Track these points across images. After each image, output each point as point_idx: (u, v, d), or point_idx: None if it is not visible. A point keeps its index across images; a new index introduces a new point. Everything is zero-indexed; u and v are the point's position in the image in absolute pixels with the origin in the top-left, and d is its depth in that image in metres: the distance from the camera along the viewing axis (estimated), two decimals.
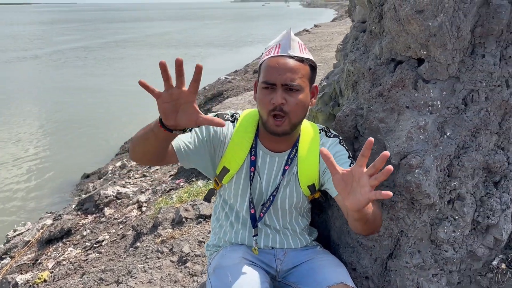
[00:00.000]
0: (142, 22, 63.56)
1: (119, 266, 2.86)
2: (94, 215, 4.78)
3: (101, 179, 6.70)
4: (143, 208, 4.30)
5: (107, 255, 3.42)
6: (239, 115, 1.70)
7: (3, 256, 4.49)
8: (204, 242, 2.87)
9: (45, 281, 3.39)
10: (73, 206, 5.31)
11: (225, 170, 1.65)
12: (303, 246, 1.74)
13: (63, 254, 3.86)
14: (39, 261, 4.01)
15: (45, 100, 14.16)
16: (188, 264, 2.67)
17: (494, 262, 1.78)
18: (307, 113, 1.62)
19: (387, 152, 1.14)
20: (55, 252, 4.06)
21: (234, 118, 1.69)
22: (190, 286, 2.52)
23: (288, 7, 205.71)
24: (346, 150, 1.62)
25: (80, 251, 3.81)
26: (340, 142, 1.65)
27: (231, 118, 1.69)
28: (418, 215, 1.61)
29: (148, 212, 3.93)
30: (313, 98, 1.62)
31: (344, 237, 1.80)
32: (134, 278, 2.63)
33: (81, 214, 4.89)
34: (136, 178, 5.80)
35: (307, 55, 1.57)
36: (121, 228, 3.97)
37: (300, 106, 1.52)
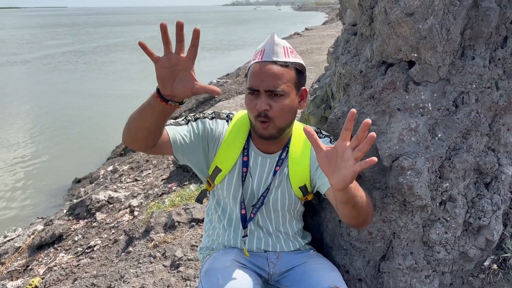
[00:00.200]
0: (133, 26, 63.40)
1: (111, 271, 2.84)
2: (86, 220, 4.74)
3: (93, 184, 6.65)
4: (135, 213, 4.28)
5: (99, 260, 3.40)
6: (233, 116, 1.71)
7: None
8: (196, 246, 2.86)
9: (36, 287, 3.36)
10: (65, 211, 5.26)
11: (217, 170, 1.66)
12: (296, 249, 1.74)
13: (54, 260, 3.83)
14: (30, 267, 3.97)
15: (36, 104, 14.04)
16: (181, 269, 2.65)
17: (486, 263, 1.79)
18: (295, 116, 1.62)
19: (368, 120, 1.14)
20: (46, 258, 4.02)
21: (229, 118, 1.70)
22: None
23: (279, 10, 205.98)
24: None
25: (72, 256, 3.78)
26: (331, 141, 1.65)
27: (226, 117, 1.70)
28: (410, 216, 1.61)
29: (140, 217, 3.90)
30: (302, 101, 1.61)
31: (337, 239, 1.80)
32: (126, 283, 2.61)
33: (73, 219, 4.85)
34: (128, 183, 5.76)
35: (294, 58, 1.55)
36: (113, 233, 3.94)
37: (285, 111, 1.52)
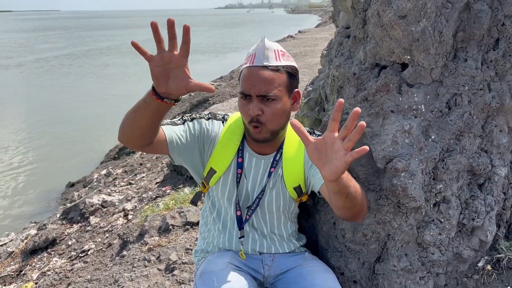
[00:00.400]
0: (126, 29, 63.21)
1: (106, 276, 2.82)
2: (80, 224, 4.72)
3: (86, 188, 6.62)
4: (129, 216, 4.26)
5: (93, 265, 3.38)
6: (229, 117, 1.72)
7: None
8: (191, 250, 2.85)
9: None
10: (58, 215, 5.23)
11: (212, 171, 1.66)
12: (291, 251, 1.74)
13: (48, 265, 3.80)
14: (23, 272, 3.94)
15: (29, 108, 13.97)
16: (175, 272, 2.64)
17: (480, 264, 1.80)
18: (288, 119, 1.61)
19: (357, 109, 1.13)
20: (39, 263, 4.00)
21: (224, 120, 1.71)
22: None
23: (272, 13, 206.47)
24: None
25: (66, 261, 3.75)
26: None
27: (222, 119, 1.70)
28: (404, 218, 1.62)
29: (134, 220, 3.89)
30: (295, 103, 1.61)
31: (332, 241, 1.80)
32: None
33: (66, 223, 4.83)
34: (121, 186, 5.74)
35: (285, 61, 1.53)
36: (107, 236, 3.92)
37: (278, 115, 1.52)
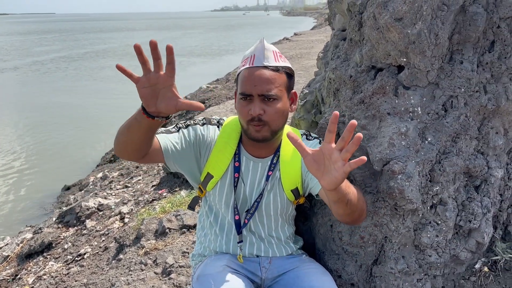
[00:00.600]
0: (121, 32, 63.12)
1: (102, 279, 2.81)
2: (76, 227, 4.69)
3: (82, 191, 6.59)
4: (126, 220, 4.24)
5: (89, 268, 3.36)
6: (224, 121, 1.71)
7: None
8: (188, 253, 2.84)
9: None
10: (54, 219, 5.20)
11: (209, 176, 1.65)
12: (288, 254, 1.74)
13: (44, 269, 3.78)
14: (19, 276, 3.92)
15: (25, 111, 13.89)
16: (172, 276, 2.63)
17: (477, 266, 1.80)
18: (287, 119, 1.63)
19: (354, 121, 1.14)
20: (35, 267, 3.97)
21: (219, 124, 1.70)
22: None
23: (268, 15, 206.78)
24: None
25: (62, 265, 3.73)
26: (320, 142, 1.66)
27: (217, 123, 1.70)
28: (401, 220, 1.62)
29: (130, 224, 3.87)
30: (292, 104, 1.63)
31: (329, 244, 1.80)
32: None
33: (62, 227, 4.80)
34: (118, 189, 5.71)
35: (283, 62, 1.57)
36: (103, 240, 3.90)
37: (279, 115, 1.54)
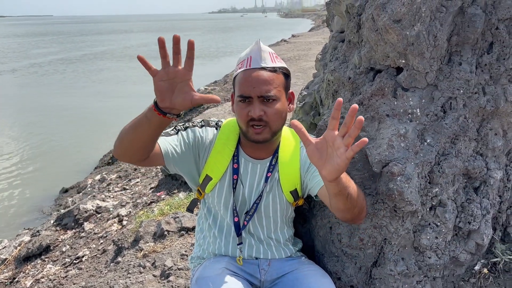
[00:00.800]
0: (119, 34, 63.11)
1: (100, 282, 2.80)
2: (74, 230, 4.68)
3: (80, 193, 6.57)
4: (124, 222, 4.23)
5: (87, 271, 3.35)
6: (222, 123, 1.71)
7: None
8: (187, 255, 2.83)
9: None
10: (52, 221, 5.19)
11: (208, 178, 1.65)
12: (287, 256, 1.74)
13: (42, 272, 3.76)
14: (16, 279, 3.90)
15: (23, 113, 13.87)
16: (171, 278, 2.62)
17: (477, 267, 1.79)
18: (286, 120, 1.63)
19: (355, 105, 1.14)
20: (33, 270, 3.96)
21: (218, 126, 1.71)
22: None
23: (265, 17, 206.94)
24: None
25: (60, 267, 3.72)
26: None
27: (215, 125, 1.70)
28: (401, 222, 1.61)
29: (129, 226, 3.86)
30: (290, 104, 1.64)
31: (328, 246, 1.79)
32: None
33: (60, 230, 4.78)
34: (116, 192, 5.70)
35: (279, 63, 1.57)
36: (101, 243, 3.89)
37: (279, 115, 1.54)
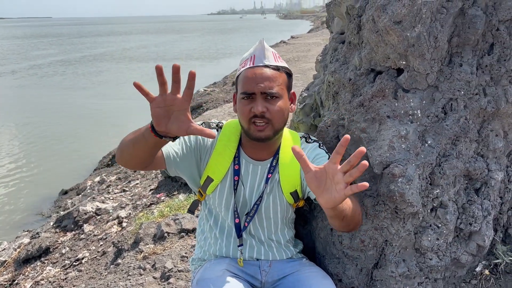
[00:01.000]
0: (119, 36, 63.16)
1: (100, 284, 2.79)
2: (73, 232, 4.67)
3: (80, 195, 6.57)
4: (124, 224, 4.23)
5: (87, 273, 3.34)
6: (223, 125, 1.71)
7: None
8: (187, 257, 2.83)
9: None
10: (51, 223, 5.19)
11: (209, 180, 1.65)
12: (288, 257, 1.73)
13: (41, 274, 3.76)
14: (16, 281, 3.90)
15: (22, 115, 13.87)
16: (171, 280, 2.62)
17: (478, 269, 1.79)
18: (287, 120, 1.63)
19: (363, 148, 1.13)
20: (33, 272, 3.95)
21: (219, 127, 1.71)
22: None
23: (264, 19, 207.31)
24: (326, 152, 1.64)
25: (59, 269, 3.71)
26: (320, 146, 1.67)
27: (216, 127, 1.70)
28: (402, 224, 1.61)
29: (128, 228, 3.86)
30: (292, 104, 1.65)
31: (329, 248, 1.79)
32: None
33: (60, 232, 4.78)
34: (115, 193, 5.70)
35: (282, 63, 1.59)
36: (101, 244, 3.89)
37: (281, 113, 1.55)
